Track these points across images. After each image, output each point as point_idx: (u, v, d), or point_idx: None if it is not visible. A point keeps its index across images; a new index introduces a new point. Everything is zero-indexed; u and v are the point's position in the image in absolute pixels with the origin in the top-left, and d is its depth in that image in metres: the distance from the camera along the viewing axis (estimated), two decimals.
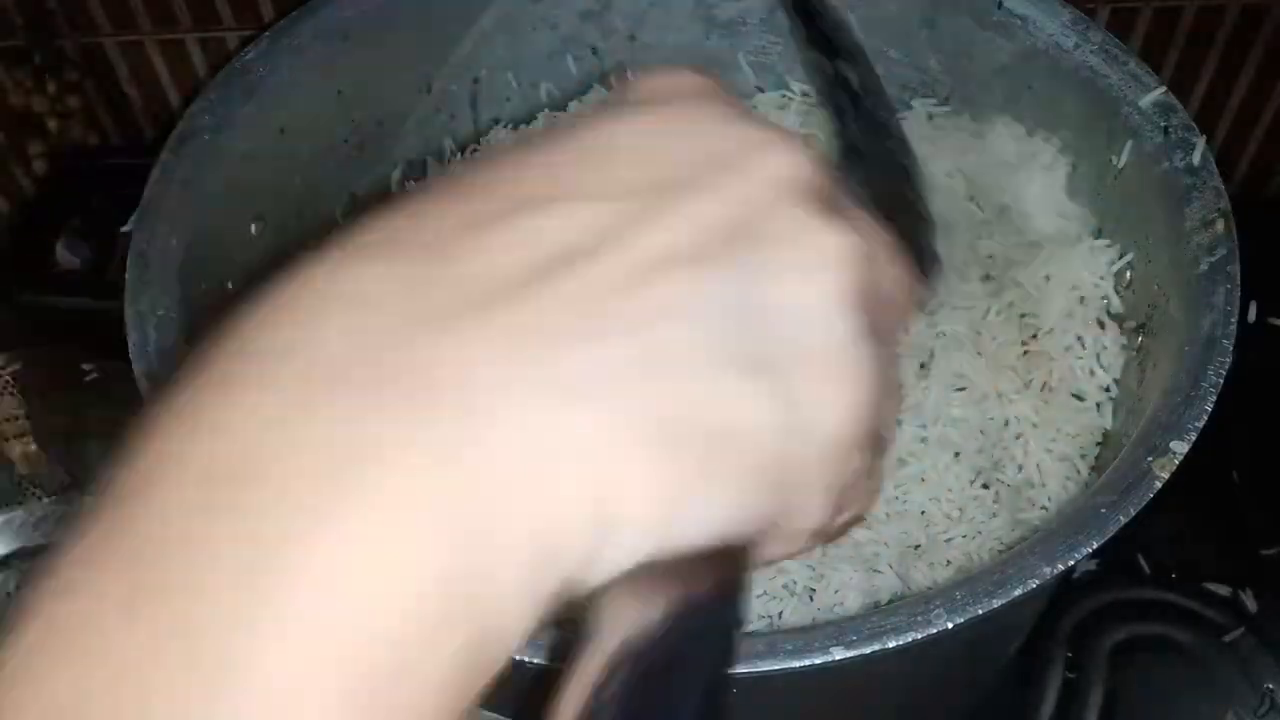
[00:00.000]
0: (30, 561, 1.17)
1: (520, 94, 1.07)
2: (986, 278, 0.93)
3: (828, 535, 0.37)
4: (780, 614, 0.75)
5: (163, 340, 0.75)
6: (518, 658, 0.59)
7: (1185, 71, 1.17)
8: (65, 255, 0.99)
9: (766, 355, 0.30)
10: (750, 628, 0.74)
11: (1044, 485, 0.82)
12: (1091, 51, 0.89)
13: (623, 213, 0.29)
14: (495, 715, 0.75)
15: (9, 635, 0.24)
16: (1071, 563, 0.62)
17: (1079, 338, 0.89)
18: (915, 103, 1.02)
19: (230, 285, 0.88)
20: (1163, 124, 0.84)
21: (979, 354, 0.87)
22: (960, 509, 0.80)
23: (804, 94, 1.06)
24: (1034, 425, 0.85)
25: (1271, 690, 1.02)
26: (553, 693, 0.33)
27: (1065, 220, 0.93)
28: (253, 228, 0.91)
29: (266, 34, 0.91)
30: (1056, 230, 0.92)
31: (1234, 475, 1.16)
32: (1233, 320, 0.72)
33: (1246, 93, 1.19)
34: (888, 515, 0.79)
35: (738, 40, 1.06)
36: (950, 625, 0.60)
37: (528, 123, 1.08)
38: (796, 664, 0.59)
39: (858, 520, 0.40)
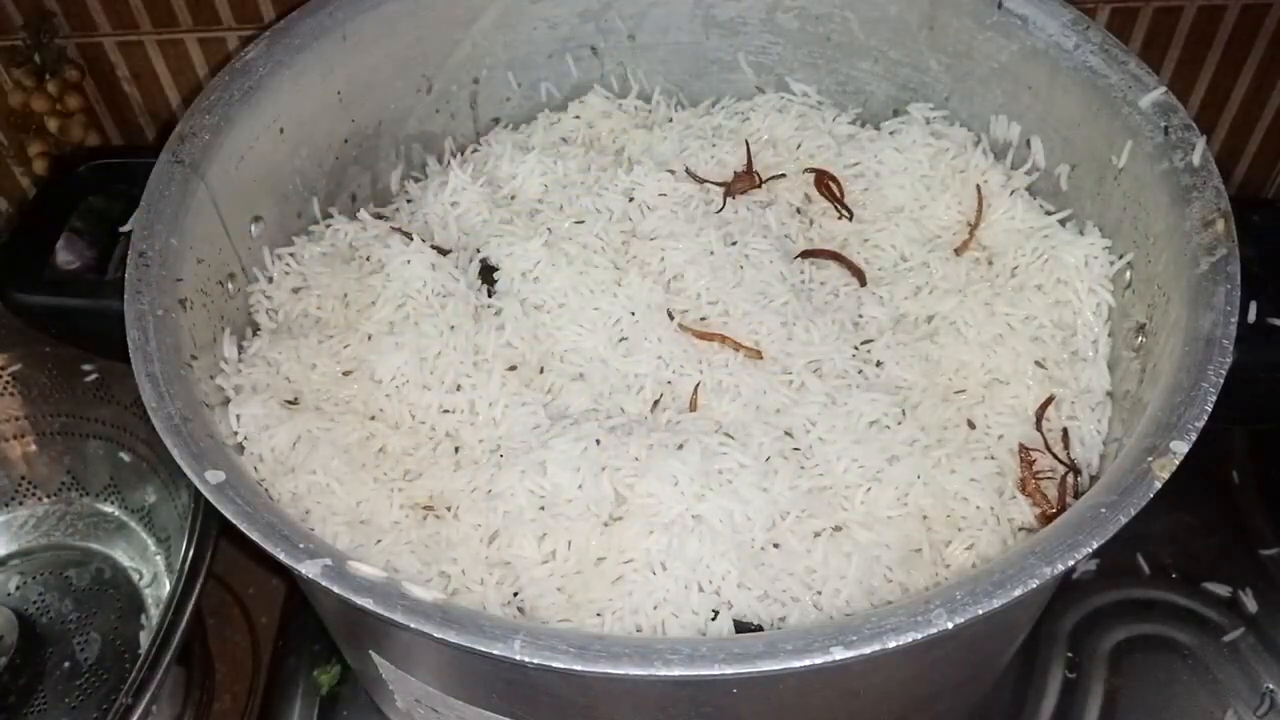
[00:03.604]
0: (30, 561, 1.18)
1: (520, 94, 1.07)
2: (989, 282, 0.93)
3: None
4: (783, 617, 0.75)
5: (162, 340, 0.75)
6: (518, 658, 0.59)
7: (1185, 71, 1.17)
8: (65, 255, 0.98)
9: None
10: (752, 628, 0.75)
11: (1044, 489, 0.82)
12: (1091, 51, 0.89)
13: None
14: (494, 715, 0.75)
15: None
16: (1071, 563, 0.63)
17: (1081, 339, 0.89)
18: (912, 107, 1.03)
19: (230, 285, 0.88)
20: (1163, 124, 0.84)
21: (981, 362, 0.87)
22: (962, 514, 0.80)
23: (804, 94, 1.07)
24: (1034, 430, 0.85)
25: (1271, 690, 1.02)
26: None
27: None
28: (253, 228, 0.91)
29: (266, 34, 0.91)
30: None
31: (1234, 475, 1.16)
32: (1233, 320, 0.72)
33: (1246, 93, 1.19)
34: (889, 518, 0.79)
35: (738, 40, 1.06)
36: (950, 625, 0.60)
37: (528, 123, 1.08)
38: (797, 664, 0.59)
39: None
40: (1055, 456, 0.84)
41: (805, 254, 0.94)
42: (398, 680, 0.80)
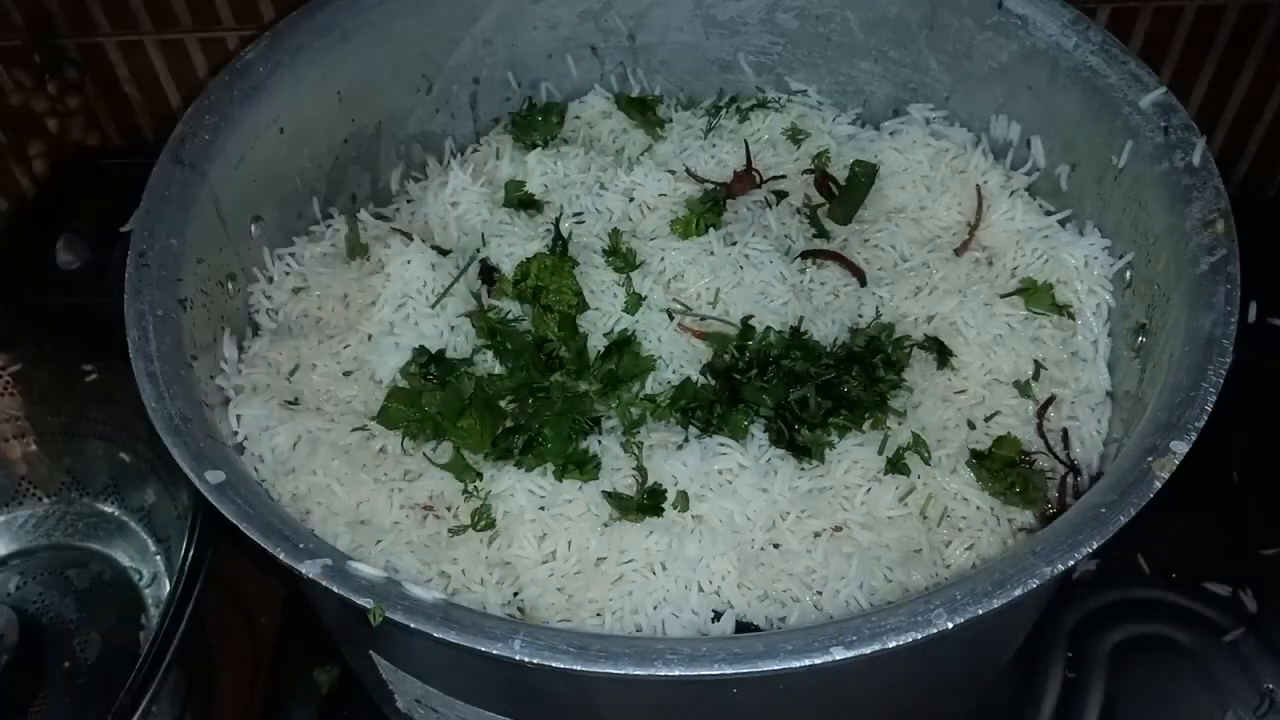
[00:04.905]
0: (30, 561, 1.18)
1: (520, 94, 1.07)
2: (989, 284, 0.93)
3: None
4: (783, 617, 0.75)
5: (162, 340, 0.75)
6: (518, 658, 0.59)
7: (1185, 71, 1.17)
8: (65, 255, 0.98)
9: None
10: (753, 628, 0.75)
11: (1044, 490, 0.82)
12: (1091, 51, 0.89)
13: None
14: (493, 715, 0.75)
15: None
16: (1071, 563, 0.63)
17: (1081, 339, 0.89)
18: (912, 107, 1.03)
19: (230, 285, 0.88)
20: (1163, 124, 0.84)
21: (981, 362, 0.88)
22: (962, 514, 0.80)
23: (804, 94, 1.07)
24: (1035, 429, 0.85)
25: (1271, 690, 1.02)
26: None
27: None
28: (253, 228, 0.91)
29: (266, 34, 0.91)
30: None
31: (1234, 475, 1.16)
32: (1233, 320, 0.72)
33: (1246, 93, 1.19)
34: (889, 518, 0.79)
35: (738, 40, 1.06)
36: (950, 625, 0.60)
37: None
38: (797, 664, 0.59)
39: None
40: (1055, 456, 0.84)
41: (805, 254, 0.94)
42: (398, 680, 0.80)
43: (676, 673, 0.59)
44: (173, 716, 1.01)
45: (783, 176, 1.00)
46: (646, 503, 0.78)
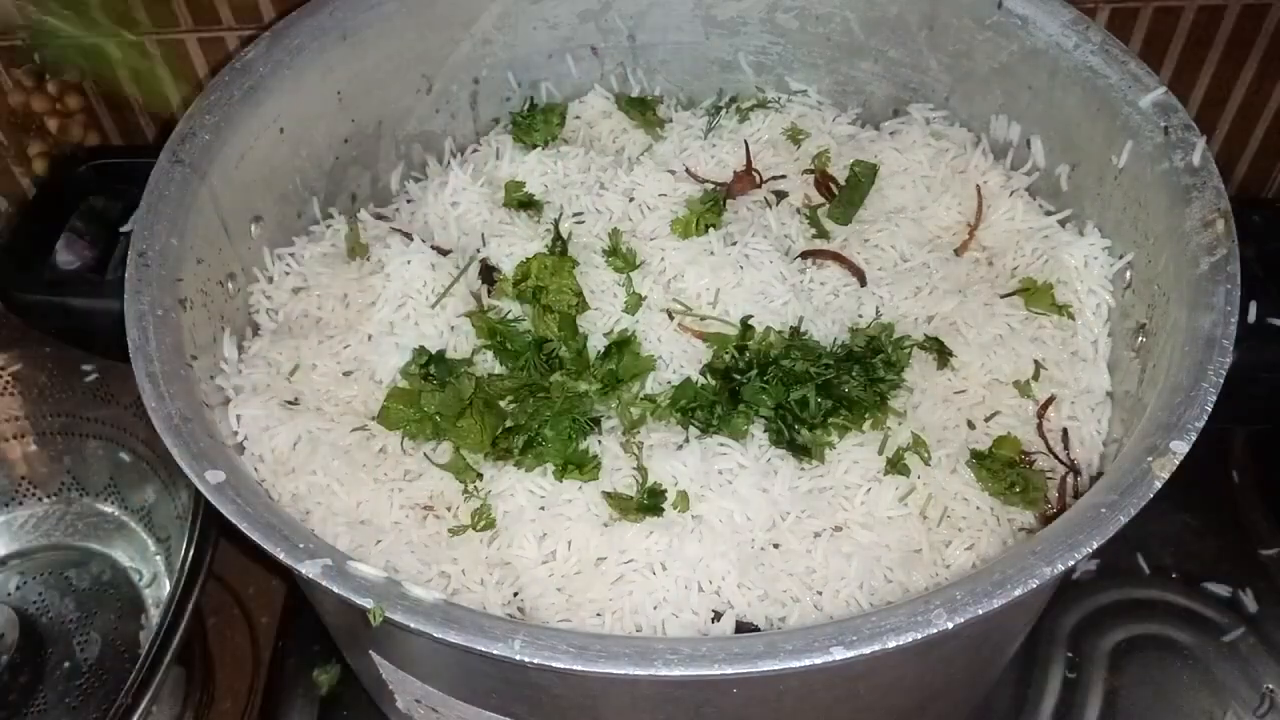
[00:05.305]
0: (30, 561, 1.18)
1: (520, 94, 1.07)
2: (990, 283, 0.93)
3: None
4: (783, 617, 0.75)
5: (162, 340, 0.75)
6: (518, 658, 0.59)
7: (1185, 71, 1.17)
8: (65, 255, 0.98)
9: None
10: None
11: (1044, 490, 0.82)
12: (1091, 51, 0.89)
13: None
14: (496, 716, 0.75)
15: None
16: (1071, 563, 0.63)
17: (1081, 339, 0.90)
18: (912, 107, 1.03)
19: (230, 285, 0.88)
20: (1163, 124, 0.84)
21: (981, 362, 0.88)
22: (962, 514, 0.80)
23: (804, 94, 1.07)
24: (1035, 429, 0.85)
25: (1271, 690, 1.02)
26: None
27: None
28: (253, 228, 0.91)
29: (266, 34, 0.92)
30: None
31: (1234, 475, 1.16)
32: (1233, 320, 0.72)
33: (1246, 93, 1.19)
34: (889, 518, 0.79)
35: (738, 40, 1.06)
36: (950, 625, 0.60)
37: None
38: (797, 664, 0.59)
39: None
40: (1055, 456, 0.84)
41: (805, 254, 0.94)
42: (398, 680, 0.80)
43: (676, 673, 0.59)
44: (172, 716, 1.01)
45: (783, 176, 1.00)
46: (646, 503, 0.78)
